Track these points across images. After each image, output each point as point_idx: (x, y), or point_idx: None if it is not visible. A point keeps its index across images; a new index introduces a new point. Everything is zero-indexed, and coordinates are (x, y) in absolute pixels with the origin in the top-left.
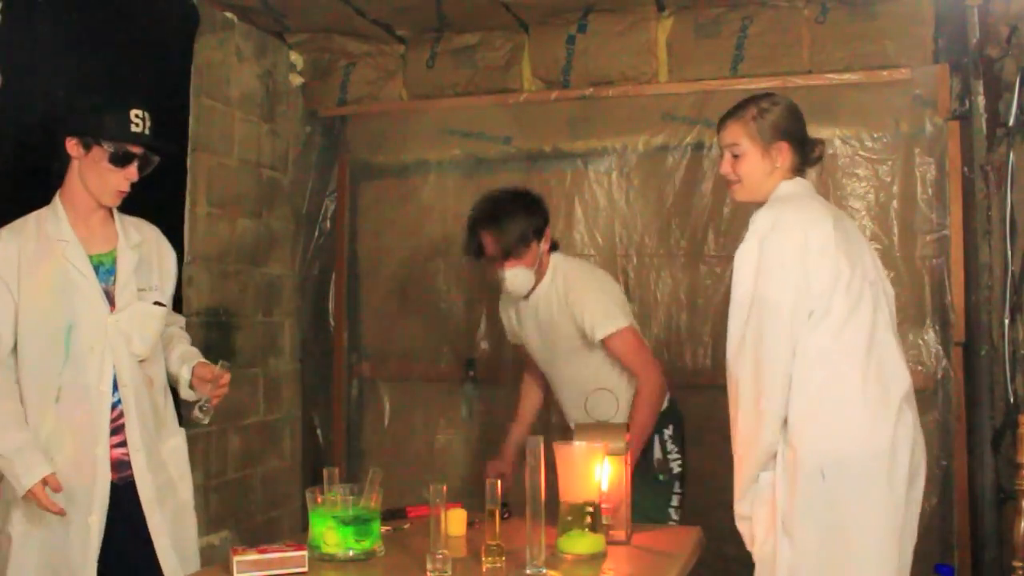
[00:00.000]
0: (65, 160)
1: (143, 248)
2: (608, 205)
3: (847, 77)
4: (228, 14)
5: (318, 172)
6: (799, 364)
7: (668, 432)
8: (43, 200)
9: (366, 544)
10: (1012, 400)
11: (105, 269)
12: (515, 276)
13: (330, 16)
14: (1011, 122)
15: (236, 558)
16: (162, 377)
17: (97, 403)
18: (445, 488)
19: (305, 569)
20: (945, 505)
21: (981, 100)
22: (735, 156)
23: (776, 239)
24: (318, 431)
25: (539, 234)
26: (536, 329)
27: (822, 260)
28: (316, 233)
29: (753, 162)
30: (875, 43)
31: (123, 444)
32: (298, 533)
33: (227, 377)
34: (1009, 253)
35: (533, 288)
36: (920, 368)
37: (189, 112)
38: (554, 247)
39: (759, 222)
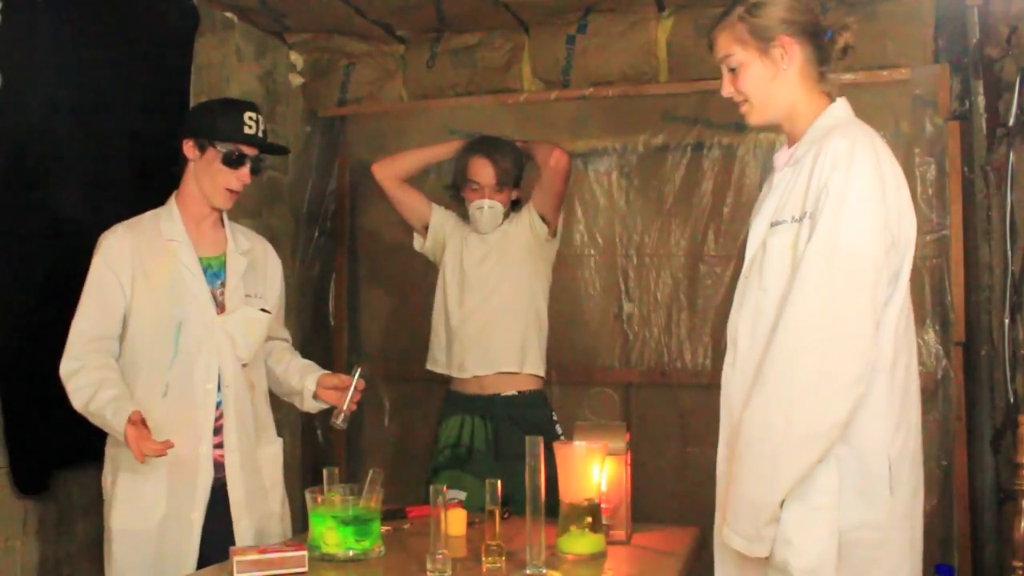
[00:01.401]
0: (183, 162)
1: (251, 255)
2: (608, 205)
3: (847, 77)
4: (228, 14)
5: (318, 172)
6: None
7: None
8: (41, 199)
9: (366, 544)
10: (1012, 400)
11: (212, 272)
12: (493, 209)
13: (330, 16)
14: (1011, 122)
15: (236, 558)
16: (264, 384)
17: (203, 401)
18: (445, 488)
19: (305, 569)
20: (945, 505)
21: (981, 100)
22: (732, 71)
23: (867, 176)
24: (318, 431)
25: (517, 183)
26: (484, 256)
27: (907, 209)
28: (316, 233)
29: (753, 71)
30: (875, 43)
31: (221, 446)
32: (298, 533)
33: (362, 384)
34: (1009, 253)
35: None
36: (920, 368)
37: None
38: (517, 202)
39: (858, 152)
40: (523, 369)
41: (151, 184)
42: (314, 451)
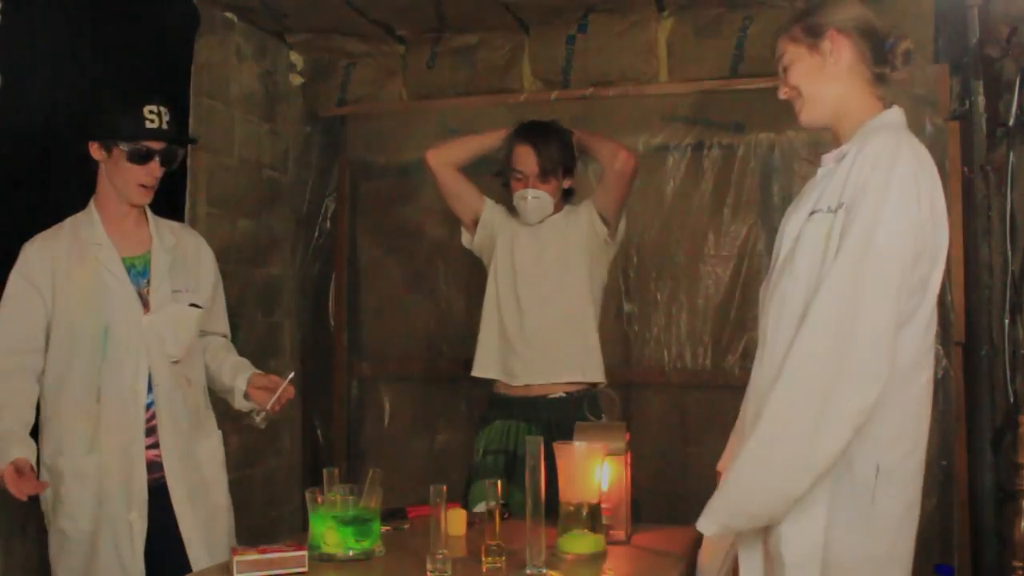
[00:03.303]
0: (93, 165)
1: (177, 251)
2: None
3: None
4: (228, 14)
5: (318, 172)
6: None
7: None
8: (42, 201)
9: (366, 544)
10: (1012, 400)
11: (137, 271)
12: (538, 199)
13: (330, 16)
14: (1011, 122)
15: (236, 558)
16: (201, 379)
17: (133, 403)
18: (445, 488)
19: (305, 569)
20: (945, 505)
21: (981, 100)
22: (785, 70)
23: (907, 180)
24: (318, 431)
25: (568, 172)
26: (539, 254)
27: (941, 219)
28: (316, 233)
29: (802, 64)
30: None
31: (156, 445)
32: (298, 533)
33: (292, 391)
34: (1009, 253)
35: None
36: None
37: (189, 112)
38: (569, 193)
39: (902, 154)
40: (584, 378)
41: None
42: (314, 451)
